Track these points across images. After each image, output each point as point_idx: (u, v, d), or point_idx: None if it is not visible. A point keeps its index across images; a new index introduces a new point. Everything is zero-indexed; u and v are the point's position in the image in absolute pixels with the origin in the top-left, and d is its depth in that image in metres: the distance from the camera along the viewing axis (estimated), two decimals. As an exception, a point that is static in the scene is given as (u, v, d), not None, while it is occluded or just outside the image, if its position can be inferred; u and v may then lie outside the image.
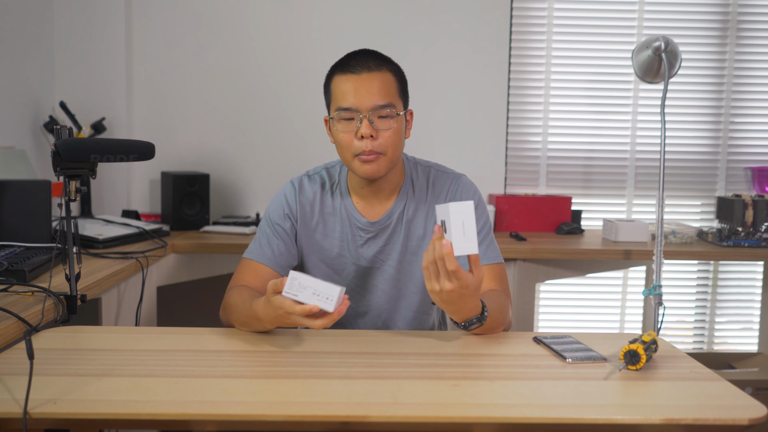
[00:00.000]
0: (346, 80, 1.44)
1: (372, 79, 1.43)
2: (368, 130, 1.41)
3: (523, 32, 3.12)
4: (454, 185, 1.58)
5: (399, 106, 1.47)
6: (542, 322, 3.27)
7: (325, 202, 1.58)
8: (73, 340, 1.29)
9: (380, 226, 1.56)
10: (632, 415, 0.98)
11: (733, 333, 3.34)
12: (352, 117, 1.43)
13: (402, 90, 1.50)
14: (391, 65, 1.49)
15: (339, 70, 1.46)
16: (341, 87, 1.44)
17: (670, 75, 2.13)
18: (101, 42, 2.86)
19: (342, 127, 1.44)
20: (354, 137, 1.43)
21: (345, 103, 1.43)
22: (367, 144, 1.42)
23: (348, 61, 1.46)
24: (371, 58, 1.46)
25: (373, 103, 1.42)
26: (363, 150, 1.43)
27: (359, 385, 1.08)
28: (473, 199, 1.56)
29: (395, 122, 1.44)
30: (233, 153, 3.03)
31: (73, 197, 1.41)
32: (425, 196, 1.58)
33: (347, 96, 1.43)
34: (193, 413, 0.96)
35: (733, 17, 3.13)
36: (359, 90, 1.42)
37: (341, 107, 1.43)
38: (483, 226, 1.54)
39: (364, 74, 1.43)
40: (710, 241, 2.74)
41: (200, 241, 2.50)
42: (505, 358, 1.24)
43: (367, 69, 1.44)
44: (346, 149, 1.46)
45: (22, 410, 0.93)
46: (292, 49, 3.00)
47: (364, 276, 1.58)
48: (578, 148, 3.18)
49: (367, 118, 1.42)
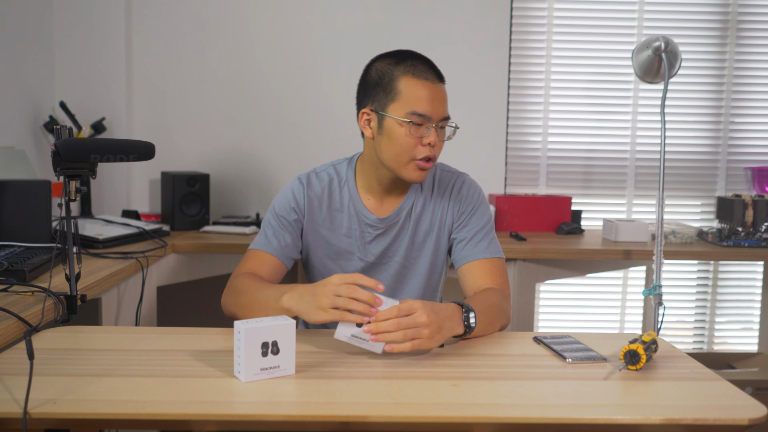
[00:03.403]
0: (423, 86, 1.45)
1: (441, 89, 1.48)
2: (435, 138, 1.46)
3: (523, 32, 3.12)
4: (458, 182, 1.62)
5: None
6: (542, 322, 3.27)
7: (333, 198, 1.60)
8: (73, 340, 1.29)
9: (389, 222, 1.59)
10: (632, 415, 0.98)
11: (733, 333, 3.34)
12: (422, 123, 1.45)
13: None
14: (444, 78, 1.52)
15: (410, 73, 1.46)
16: (417, 92, 1.45)
17: (670, 75, 2.13)
18: (101, 42, 2.86)
19: (413, 131, 1.46)
20: (418, 142, 1.46)
21: (421, 108, 1.44)
22: (430, 151, 1.46)
23: (415, 65, 1.47)
24: (434, 69, 1.49)
25: (443, 113, 1.47)
26: (426, 156, 1.46)
27: (359, 385, 1.08)
28: (476, 196, 1.61)
29: (452, 132, 1.51)
30: (233, 153, 3.03)
31: (73, 197, 1.41)
32: (431, 193, 1.61)
33: (423, 102, 1.44)
34: (193, 413, 0.96)
35: (733, 17, 3.13)
36: (434, 99, 1.45)
37: (417, 112, 1.44)
38: (486, 223, 1.59)
39: (438, 84, 1.47)
40: (710, 241, 2.74)
41: (200, 241, 2.50)
42: (505, 358, 1.24)
43: (438, 79, 1.48)
44: (406, 152, 1.47)
45: (22, 410, 0.93)
46: (292, 49, 3.00)
47: (370, 272, 1.61)
48: (578, 148, 3.18)
49: (435, 127, 1.45)
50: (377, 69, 1.51)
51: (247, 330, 1.07)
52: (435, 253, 1.62)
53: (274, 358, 1.09)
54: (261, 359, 1.08)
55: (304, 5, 3.00)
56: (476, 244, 1.56)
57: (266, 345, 1.09)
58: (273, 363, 1.09)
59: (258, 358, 1.08)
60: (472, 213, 1.59)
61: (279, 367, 1.10)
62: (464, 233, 1.58)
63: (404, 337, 1.15)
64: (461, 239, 1.58)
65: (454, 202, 1.60)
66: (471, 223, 1.58)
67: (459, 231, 1.59)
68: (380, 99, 1.49)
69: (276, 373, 1.10)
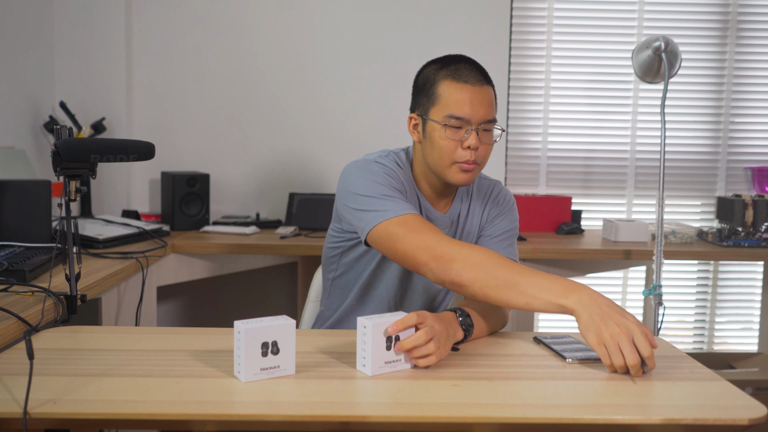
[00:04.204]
0: (462, 89, 1.45)
1: (483, 92, 1.46)
2: (476, 141, 1.45)
3: (523, 32, 3.12)
4: (496, 188, 1.67)
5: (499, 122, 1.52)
6: (542, 322, 3.27)
7: (411, 190, 1.58)
8: (73, 340, 1.29)
9: (450, 218, 1.62)
10: (632, 415, 0.98)
11: (733, 333, 3.34)
12: (461, 126, 1.45)
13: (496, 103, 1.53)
14: (490, 78, 1.51)
15: (451, 77, 1.46)
16: (455, 95, 1.45)
17: (670, 75, 2.13)
18: (101, 42, 2.86)
19: (450, 134, 1.46)
20: (458, 145, 1.46)
21: (459, 112, 1.44)
22: (471, 154, 1.46)
23: (458, 69, 1.47)
24: (479, 71, 1.48)
25: (483, 116, 1.46)
26: (466, 159, 1.46)
27: (359, 385, 1.08)
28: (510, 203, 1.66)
29: (496, 135, 1.50)
30: (233, 153, 3.03)
31: (73, 197, 1.41)
32: (472, 197, 1.65)
33: (462, 105, 1.44)
34: (193, 413, 0.96)
35: (733, 17, 3.13)
36: (474, 102, 1.44)
37: (454, 115, 1.44)
38: (512, 228, 1.64)
39: (478, 86, 1.45)
40: (710, 241, 2.74)
41: (200, 241, 2.50)
42: (505, 358, 1.24)
43: (480, 82, 1.46)
44: (446, 155, 1.47)
45: (22, 410, 0.93)
46: (292, 49, 3.00)
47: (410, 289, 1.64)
48: (578, 148, 3.18)
49: (475, 130, 1.45)
50: (423, 74, 1.53)
51: (247, 330, 1.07)
52: None
53: (274, 358, 1.09)
54: (261, 359, 1.08)
55: (304, 5, 2.99)
56: (499, 242, 1.60)
57: (266, 345, 1.09)
58: (273, 363, 1.09)
59: (258, 358, 1.08)
60: (503, 216, 1.64)
61: (279, 367, 1.10)
62: (491, 230, 1.63)
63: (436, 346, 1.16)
64: (486, 235, 1.63)
65: (490, 206, 1.65)
66: (499, 224, 1.63)
67: (487, 228, 1.64)
68: (424, 104, 1.50)
69: (276, 373, 1.10)
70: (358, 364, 1.14)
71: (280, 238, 2.59)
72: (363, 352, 1.13)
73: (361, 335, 1.13)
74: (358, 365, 1.14)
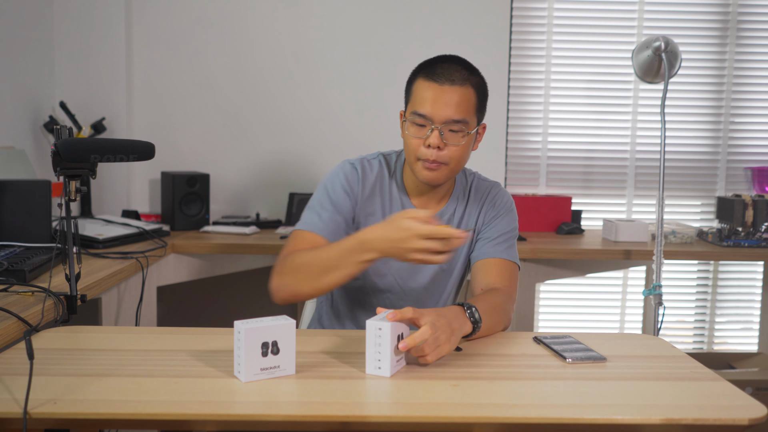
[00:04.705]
0: (428, 87, 1.45)
1: (453, 92, 1.44)
2: (437, 141, 1.44)
3: (523, 32, 3.12)
4: (493, 190, 1.65)
5: (472, 123, 1.48)
6: (542, 322, 3.27)
7: (384, 190, 1.59)
8: (73, 340, 1.29)
9: (440, 219, 1.60)
10: (632, 415, 0.98)
11: (733, 333, 3.34)
12: (424, 124, 1.45)
13: (480, 105, 1.50)
14: (475, 79, 1.48)
15: (423, 74, 1.47)
16: (421, 92, 1.46)
17: (670, 75, 2.13)
18: (101, 42, 2.86)
19: (413, 131, 1.47)
20: (421, 143, 1.46)
21: (421, 109, 1.45)
22: (433, 153, 1.45)
23: (434, 67, 1.47)
24: (457, 71, 1.46)
25: (447, 116, 1.44)
26: (427, 158, 1.46)
27: (359, 385, 1.08)
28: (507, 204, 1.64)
29: (464, 138, 1.46)
30: (233, 153, 3.03)
31: (73, 197, 1.41)
32: (468, 200, 1.64)
33: (425, 103, 1.45)
34: (193, 413, 0.96)
35: (733, 17, 3.13)
36: (437, 101, 1.44)
37: (416, 112, 1.45)
38: (511, 230, 1.62)
39: (446, 86, 1.44)
40: (710, 241, 2.74)
41: (200, 241, 2.50)
42: (505, 358, 1.24)
43: (450, 81, 1.44)
44: (411, 152, 1.49)
45: (22, 410, 0.93)
46: (291, 49, 3.00)
47: (412, 269, 1.61)
48: (578, 148, 3.18)
49: (438, 130, 1.44)
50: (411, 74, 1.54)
51: (247, 330, 1.07)
52: (467, 259, 1.65)
53: (274, 358, 1.09)
54: (261, 359, 1.08)
55: (304, 5, 2.99)
56: (497, 244, 1.58)
57: (266, 345, 1.09)
58: (273, 363, 1.09)
59: (258, 358, 1.08)
60: (501, 217, 1.62)
61: (279, 367, 1.10)
62: (489, 233, 1.60)
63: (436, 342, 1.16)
64: (484, 237, 1.60)
65: (487, 207, 1.63)
66: (497, 225, 1.61)
67: (485, 231, 1.61)
68: (405, 102, 1.53)
69: (276, 373, 1.10)
70: (370, 367, 1.12)
71: (280, 238, 2.59)
72: (378, 354, 1.12)
73: (374, 337, 1.12)
74: (370, 369, 1.12)
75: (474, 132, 1.49)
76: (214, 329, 1.37)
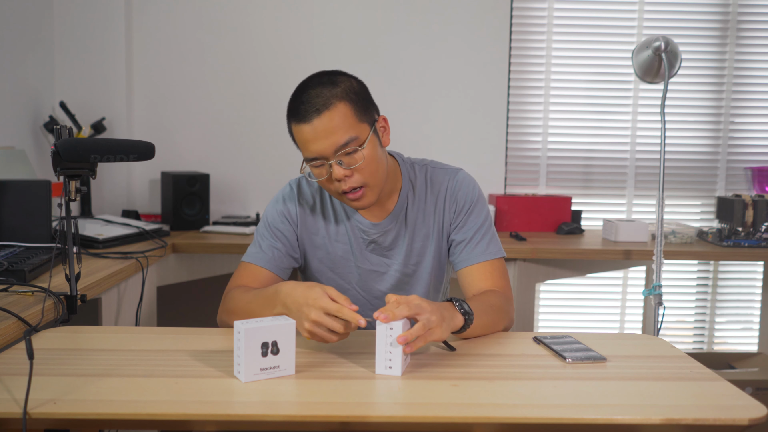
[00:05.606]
0: (301, 130, 1.37)
1: (323, 121, 1.35)
2: (340, 173, 1.38)
3: (523, 32, 3.12)
4: (452, 182, 1.54)
5: (363, 132, 1.38)
6: (542, 322, 3.27)
7: (326, 205, 1.56)
8: (73, 340, 1.29)
9: (384, 228, 1.53)
10: (632, 415, 0.98)
11: (733, 333, 3.34)
12: (321, 163, 1.40)
13: (361, 110, 1.39)
14: (339, 90, 1.37)
15: (292, 119, 1.40)
16: (299, 137, 1.39)
17: (670, 75, 2.13)
18: (101, 42, 2.86)
19: (317, 173, 1.42)
20: (331, 181, 1.41)
21: (308, 153, 1.39)
22: (345, 183, 1.39)
23: (297, 106, 1.38)
24: (317, 96, 1.36)
25: (333, 145, 1.36)
26: (344, 190, 1.41)
27: (359, 385, 1.08)
28: (472, 193, 1.53)
29: (364, 152, 1.38)
30: (233, 153, 3.03)
31: (73, 197, 1.41)
32: (425, 195, 1.55)
33: (308, 146, 1.38)
34: (193, 413, 0.96)
35: (733, 17, 3.13)
36: (316, 138, 1.36)
37: (307, 158, 1.41)
38: (484, 221, 1.52)
39: (315, 120, 1.35)
40: (710, 241, 2.74)
41: (200, 241, 2.50)
42: (505, 358, 1.24)
43: (316, 112, 1.35)
44: (331, 191, 1.45)
45: (22, 410, 0.93)
46: (292, 49, 3.01)
47: (369, 280, 1.56)
48: (578, 148, 3.18)
49: (336, 162, 1.37)
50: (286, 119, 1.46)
51: (247, 330, 1.07)
52: (437, 259, 1.56)
53: (274, 358, 1.09)
54: (261, 359, 1.08)
55: (304, 5, 3.00)
56: (475, 245, 1.50)
57: (266, 345, 1.09)
58: (273, 363, 1.09)
59: (258, 358, 1.08)
60: (469, 212, 1.52)
61: (279, 367, 1.10)
62: (462, 234, 1.51)
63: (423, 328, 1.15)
64: (459, 241, 1.51)
65: (449, 202, 1.53)
66: (468, 223, 1.51)
67: (457, 232, 1.53)
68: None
69: (276, 373, 1.10)
70: (380, 367, 1.12)
71: (280, 238, 2.59)
72: (389, 354, 1.12)
73: (385, 337, 1.11)
74: (380, 368, 1.12)
75: (370, 136, 1.39)
76: (214, 329, 1.37)
